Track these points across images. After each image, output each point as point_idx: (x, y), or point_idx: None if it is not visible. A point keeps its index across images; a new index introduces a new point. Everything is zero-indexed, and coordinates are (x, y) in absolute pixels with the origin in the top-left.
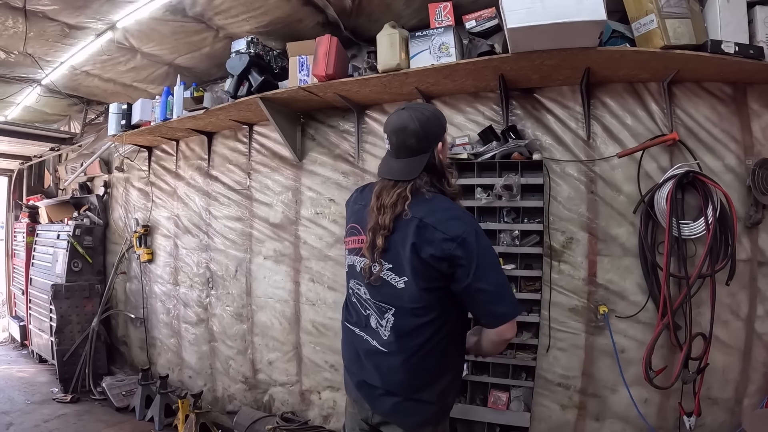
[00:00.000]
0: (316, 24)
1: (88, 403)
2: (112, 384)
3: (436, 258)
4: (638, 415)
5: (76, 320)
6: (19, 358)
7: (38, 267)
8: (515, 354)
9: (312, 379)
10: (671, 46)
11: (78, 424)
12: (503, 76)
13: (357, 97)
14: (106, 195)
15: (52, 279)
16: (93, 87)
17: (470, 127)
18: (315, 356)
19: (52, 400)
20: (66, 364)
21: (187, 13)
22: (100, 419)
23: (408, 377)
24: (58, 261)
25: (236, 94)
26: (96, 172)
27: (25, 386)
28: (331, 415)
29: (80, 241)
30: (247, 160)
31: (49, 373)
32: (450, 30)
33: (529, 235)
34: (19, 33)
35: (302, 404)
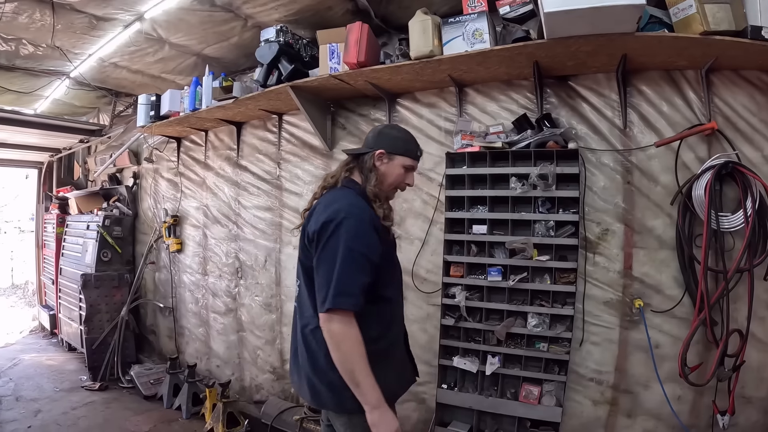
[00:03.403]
0: (345, 12)
1: (116, 391)
2: (140, 372)
3: (310, 234)
4: (671, 413)
5: (105, 309)
6: (49, 346)
7: (68, 257)
8: (548, 347)
9: None
10: (710, 32)
11: (106, 412)
12: (538, 63)
13: (388, 85)
14: (135, 186)
15: (81, 269)
16: (121, 79)
17: (504, 115)
18: None
19: (80, 388)
20: (95, 352)
21: (215, 2)
22: (127, 407)
23: (304, 353)
24: (88, 251)
25: (266, 83)
26: (125, 163)
27: (54, 374)
28: None
29: (109, 231)
30: (277, 149)
31: (77, 361)
32: (483, 16)
33: (564, 226)
34: (47, 26)
35: None
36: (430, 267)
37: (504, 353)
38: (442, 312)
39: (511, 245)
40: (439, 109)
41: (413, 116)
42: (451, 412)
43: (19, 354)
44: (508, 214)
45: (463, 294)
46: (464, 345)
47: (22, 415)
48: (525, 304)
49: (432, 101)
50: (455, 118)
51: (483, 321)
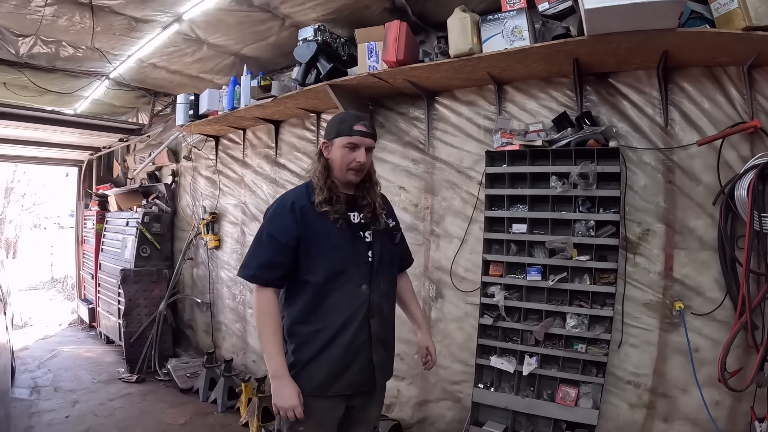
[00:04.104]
0: (383, 10)
1: (152, 384)
2: (177, 366)
3: None
4: (708, 418)
5: (144, 304)
6: (87, 338)
7: (107, 252)
8: (587, 349)
9: None
10: (752, 27)
11: (142, 404)
12: (577, 60)
13: (427, 83)
14: (174, 183)
15: (120, 264)
16: (160, 79)
17: (543, 113)
18: None
19: (117, 380)
20: (132, 345)
21: (253, 2)
22: (163, 399)
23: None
24: (127, 247)
25: (304, 82)
26: (164, 161)
27: (92, 366)
28: (394, 404)
29: (149, 227)
30: (315, 147)
31: (115, 354)
32: (522, 13)
33: (605, 226)
34: (87, 28)
35: None
36: (469, 266)
37: (542, 354)
38: (480, 311)
39: (551, 245)
40: (478, 107)
41: (452, 114)
42: (487, 412)
43: (58, 346)
44: (548, 213)
45: (502, 293)
46: (502, 344)
47: (60, 405)
48: (564, 305)
49: (471, 99)
50: (494, 116)
51: (521, 321)
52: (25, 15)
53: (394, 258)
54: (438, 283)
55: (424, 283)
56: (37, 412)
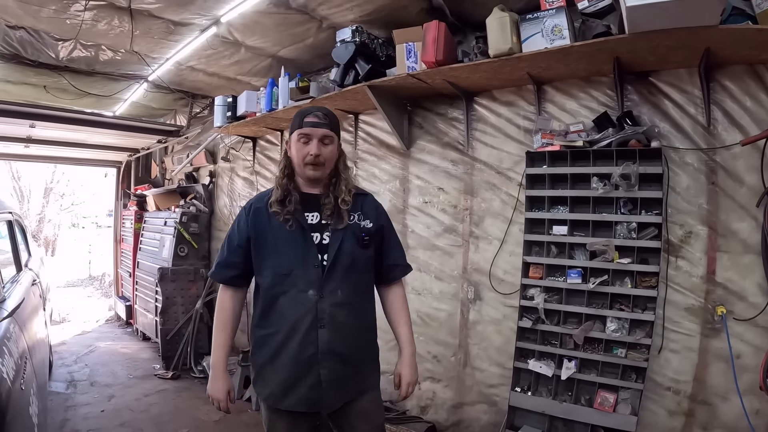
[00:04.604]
0: (420, 10)
1: (187, 381)
2: None
3: None
4: (748, 427)
5: (181, 302)
6: (124, 335)
7: (145, 251)
8: (627, 353)
9: None
10: None
11: (177, 400)
12: (618, 58)
13: (466, 83)
14: (211, 184)
15: (158, 263)
16: (197, 81)
17: (583, 113)
18: (417, 346)
19: (153, 376)
20: (169, 342)
21: (290, 4)
22: (198, 396)
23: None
24: (165, 246)
25: (343, 83)
26: (202, 162)
27: (128, 362)
28: (429, 406)
29: (186, 227)
30: (353, 148)
31: (151, 351)
32: (562, 11)
33: (647, 228)
34: (126, 32)
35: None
36: (508, 268)
37: (581, 358)
38: (519, 314)
39: (592, 247)
40: (517, 107)
41: (491, 115)
42: (523, 416)
43: (95, 341)
44: (590, 214)
45: (542, 296)
46: (540, 348)
47: (96, 399)
48: (604, 308)
49: (510, 99)
50: (534, 117)
51: (560, 324)
52: (65, 20)
53: (358, 263)
54: (477, 285)
55: (462, 285)
56: (73, 405)
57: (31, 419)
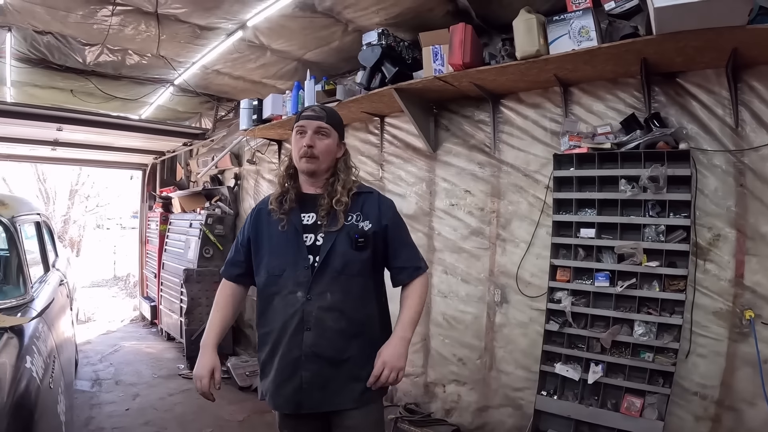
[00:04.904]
0: (446, 13)
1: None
2: (236, 364)
3: None
4: None
5: (205, 303)
6: (148, 335)
7: (170, 253)
8: (654, 357)
9: (438, 371)
10: None
11: (201, 400)
12: (645, 59)
13: (492, 85)
14: (236, 186)
15: (183, 264)
16: (223, 85)
17: (611, 115)
18: (443, 349)
19: (177, 376)
20: (193, 343)
21: (316, 8)
22: (223, 396)
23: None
24: (190, 248)
25: (369, 86)
26: (227, 165)
27: (153, 361)
28: (453, 409)
29: (212, 229)
30: (379, 151)
31: (175, 351)
32: (589, 12)
33: (675, 231)
34: (152, 36)
35: (425, 396)
36: (535, 271)
37: (608, 362)
38: (546, 317)
39: (620, 250)
40: (543, 109)
41: (518, 117)
42: (548, 420)
43: (119, 341)
44: (617, 217)
45: (569, 299)
46: (567, 351)
47: (120, 398)
48: (632, 312)
49: (536, 101)
50: (560, 119)
51: (587, 327)
52: (92, 25)
53: (350, 266)
54: (503, 287)
55: (489, 287)
56: (98, 403)
57: (59, 417)
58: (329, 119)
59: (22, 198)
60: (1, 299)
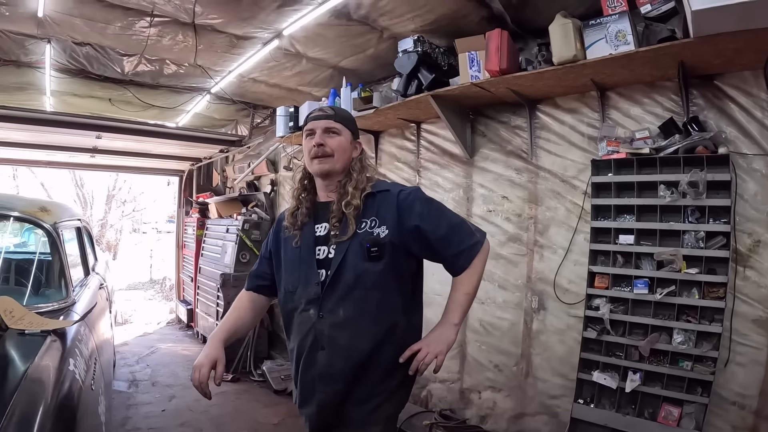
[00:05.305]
0: (480, 19)
1: (247, 384)
2: (271, 368)
3: None
4: None
5: None
6: (185, 337)
7: (207, 257)
8: (693, 366)
9: (474, 378)
10: None
11: (236, 402)
12: (682, 62)
13: (528, 91)
14: (272, 192)
15: (220, 268)
16: (259, 92)
17: (648, 119)
18: (479, 355)
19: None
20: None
21: (351, 16)
22: (257, 399)
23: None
24: (227, 252)
25: (406, 93)
26: (263, 171)
27: (189, 363)
28: (488, 416)
29: (248, 234)
30: (416, 157)
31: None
32: (625, 16)
33: (715, 237)
34: (189, 46)
35: (460, 402)
36: (573, 277)
37: (645, 370)
38: (584, 324)
39: (660, 257)
40: (580, 114)
41: (554, 122)
42: (584, 429)
43: (156, 343)
44: (657, 223)
45: (608, 306)
46: (605, 359)
47: (157, 399)
48: (671, 319)
49: (573, 106)
50: (598, 124)
51: (626, 335)
52: (131, 36)
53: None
54: (541, 294)
55: (526, 294)
56: (134, 404)
57: (99, 417)
58: (338, 117)
59: (63, 204)
60: (43, 303)
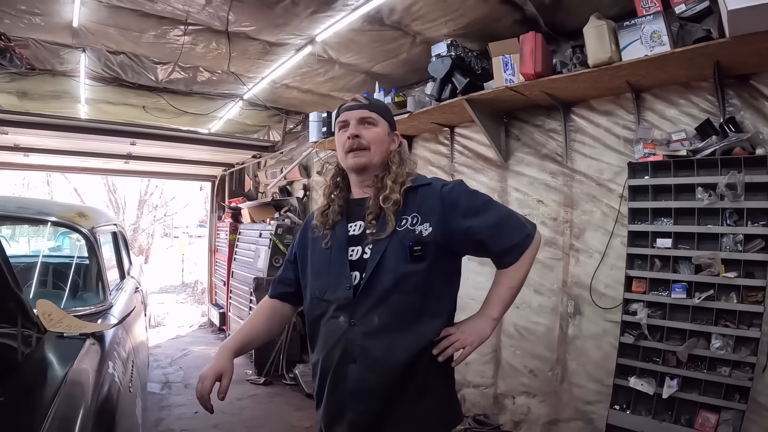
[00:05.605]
0: (513, 22)
1: (279, 387)
2: (303, 371)
3: None
4: None
5: None
6: (216, 340)
7: (240, 262)
8: (731, 372)
9: (508, 383)
10: None
11: (269, 405)
12: (718, 63)
13: (563, 94)
14: (305, 197)
15: (253, 273)
16: (291, 98)
17: (684, 120)
18: (514, 360)
19: (245, 381)
20: (261, 349)
21: (384, 21)
22: (289, 402)
23: None
24: (260, 257)
25: (440, 97)
26: (296, 176)
27: None
28: (522, 422)
29: (281, 239)
30: (450, 161)
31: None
32: (660, 16)
33: (753, 240)
34: (223, 54)
35: (494, 408)
36: (609, 282)
37: (683, 376)
38: (621, 329)
39: (698, 260)
40: (615, 116)
41: (589, 125)
42: None
43: (188, 345)
44: (694, 226)
45: (645, 311)
46: (642, 365)
47: (189, 400)
48: (709, 324)
49: (608, 109)
50: (633, 126)
51: (663, 340)
52: (164, 44)
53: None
54: (576, 299)
55: (562, 298)
56: (167, 405)
57: (136, 419)
58: (374, 107)
59: (99, 209)
60: (81, 306)
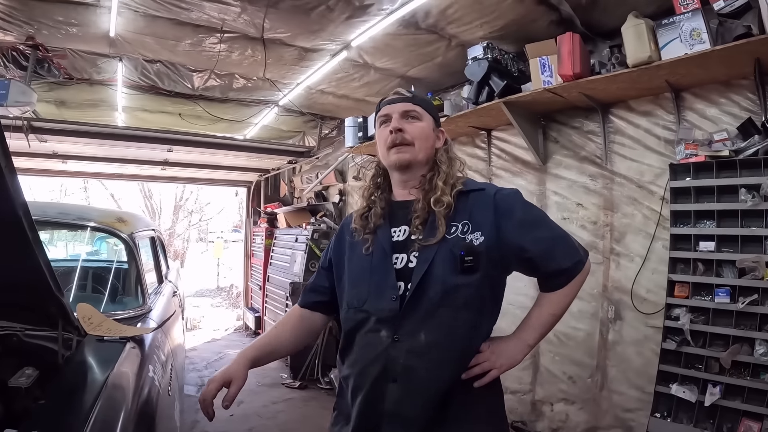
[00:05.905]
0: (549, 23)
1: (314, 391)
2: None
3: None
4: None
5: None
6: None
7: (276, 266)
8: None
9: (546, 389)
10: None
11: (303, 409)
12: (758, 60)
13: (601, 95)
14: (341, 202)
15: (289, 277)
16: (327, 104)
17: (725, 120)
18: (553, 366)
19: (280, 385)
20: (297, 353)
21: (419, 25)
22: (324, 407)
23: None
24: (296, 261)
25: (477, 100)
26: (331, 181)
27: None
28: (560, 429)
29: (317, 244)
30: (487, 165)
31: (279, 361)
32: (698, 13)
33: None
34: (259, 60)
35: (532, 414)
36: (651, 286)
37: (725, 383)
38: (663, 335)
39: (742, 264)
40: (655, 117)
41: (629, 126)
42: None
43: (224, 349)
44: (738, 229)
45: (688, 316)
46: (684, 371)
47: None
48: (753, 330)
49: (647, 109)
50: (673, 126)
51: (706, 346)
52: (200, 52)
53: (454, 295)
54: (617, 303)
55: (602, 303)
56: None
57: (175, 421)
58: (418, 100)
59: (138, 215)
60: (121, 310)
